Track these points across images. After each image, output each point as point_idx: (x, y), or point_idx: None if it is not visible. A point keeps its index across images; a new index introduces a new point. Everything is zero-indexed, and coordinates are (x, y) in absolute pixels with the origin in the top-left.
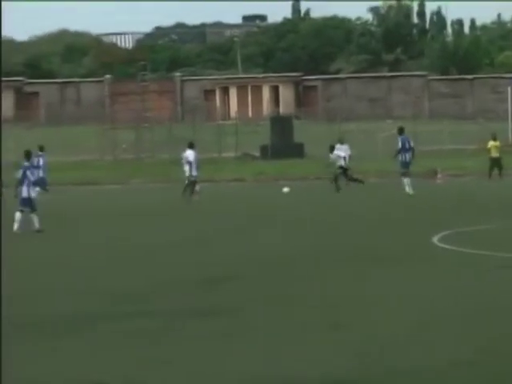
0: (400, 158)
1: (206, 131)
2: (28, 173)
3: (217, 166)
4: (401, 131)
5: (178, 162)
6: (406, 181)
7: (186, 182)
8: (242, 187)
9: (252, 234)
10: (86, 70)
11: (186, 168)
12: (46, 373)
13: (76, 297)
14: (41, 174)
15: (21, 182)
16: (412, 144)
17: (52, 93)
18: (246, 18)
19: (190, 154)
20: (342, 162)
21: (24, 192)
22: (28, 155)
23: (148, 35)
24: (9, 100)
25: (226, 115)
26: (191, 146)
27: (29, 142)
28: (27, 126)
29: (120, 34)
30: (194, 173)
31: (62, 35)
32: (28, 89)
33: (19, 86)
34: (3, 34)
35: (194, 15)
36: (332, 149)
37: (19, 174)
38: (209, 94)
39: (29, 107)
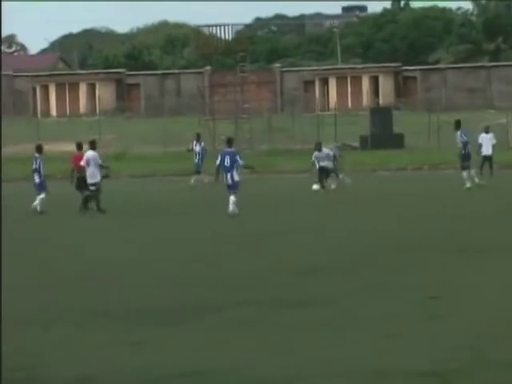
0: (463, 152)
1: (305, 122)
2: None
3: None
4: (458, 125)
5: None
6: (467, 174)
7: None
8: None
9: (348, 224)
10: (185, 62)
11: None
12: (157, 363)
13: (183, 287)
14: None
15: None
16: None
17: (152, 84)
18: (345, 9)
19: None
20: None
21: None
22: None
23: (248, 26)
24: (110, 92)
25: (326, 106)
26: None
27: (129, 133)
28: (128, 118)
29: (220, 25)
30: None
31: (163, 27)
32: (129, 80)
33: (120, 77)
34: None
35: (294, 6)
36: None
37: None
38: (308, 84)
39: (129, 99)
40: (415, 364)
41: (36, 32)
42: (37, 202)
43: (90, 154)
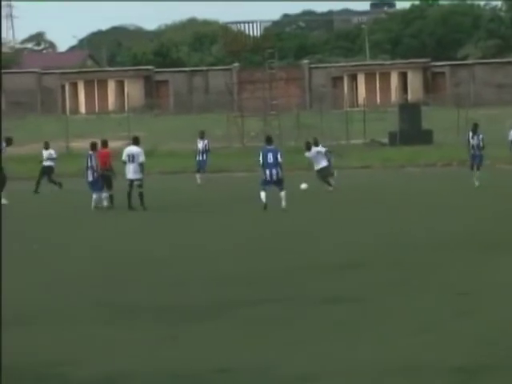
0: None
1: (333, 118)
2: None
3: (345, 153)
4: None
5: (300, 151)
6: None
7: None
8: (369, 174)
9: (376, 222)
10: (214, 59)
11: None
12: (186, 360)
13: (214, 284)
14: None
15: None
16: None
17: (181, 81)
18: (373, 5)
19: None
20: None
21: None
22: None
23: (276, 23)
24: (139, 89)
25: (354, 102)
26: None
27: (158, 130)
28: (156, 114)
29: (248, 22)
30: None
31: (191, 24)
32: (157, 77)
33: (149, 74)
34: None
35: (322, 2)
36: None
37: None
38: (337, 81)
39: (158, 96)
40: (446, 360)
41: (65, 29)
42: (94, 201)
43: (134, 149)
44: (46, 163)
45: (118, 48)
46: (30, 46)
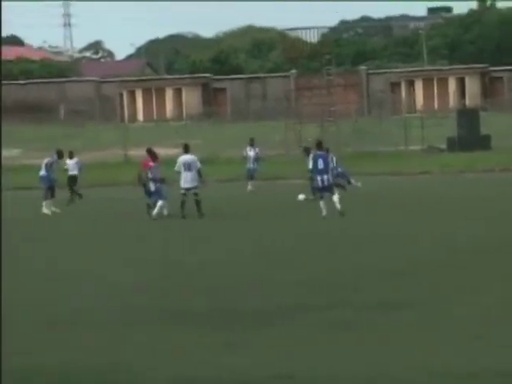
0: None
1: (391, 124)
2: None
3: (403, 159)
4: None
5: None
6: None
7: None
8: (428, 180)
9: (434, 227)
10: (272, 65)
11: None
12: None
13: (275, 288)
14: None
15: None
16: None
17: (238, 88)
18: (431, 10)
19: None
20: None
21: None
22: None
23: (333, 29)
24: (196, 96)
25: (412, 108)
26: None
27: (216, 138)
28: (214, 122)
29: (305, 28)
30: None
31: (248, 31)
32: (215, 85)
33: (206, 82)
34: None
35: (380, 8)
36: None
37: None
38: (394, 86)
39: (216, 103)
40: (503, 364)
41: (122, 38)
42: (156, 210)
43: (189, 157)
44: (71, 173)
45: (176, 56)
46: (88, 54)
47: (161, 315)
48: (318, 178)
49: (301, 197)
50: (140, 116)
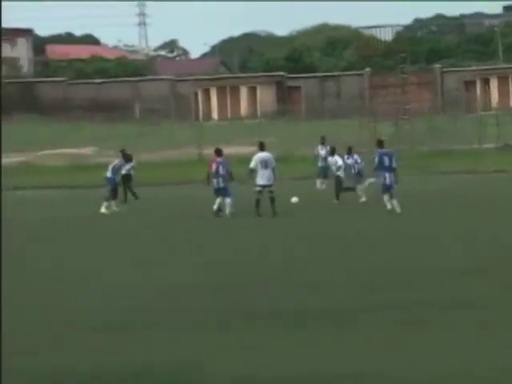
0: None
1: (466, 122)
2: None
3: (478, 158)
4: None
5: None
6: None
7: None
8: (503, 178)
9: (504, 227)
10: (345, 64)
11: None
12: (315, 365)
13: (341, 287)
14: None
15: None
16: None
17: (312, 87)
18: (506, 8)
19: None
20: None
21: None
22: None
23: (407, 27)
24: (271, 94)
25: (487, 106)
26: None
27: (290, 136)
28: (288, 120)
29: (379, 26)
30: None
31: (323, 29)
32: (289, 83)
33: (281, 80)
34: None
35: (454, 6)
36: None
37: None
38: (469, 85)
39: (290, 101)
40: None
41: (197, 37)
42: (228, 208)
43: (265, 155)
44: (126, 172)
45: (250, 54)
46: (163, 53)
47: (228, 316)
48: (386, 175)
49: (294, 200)
50: (215, 114)
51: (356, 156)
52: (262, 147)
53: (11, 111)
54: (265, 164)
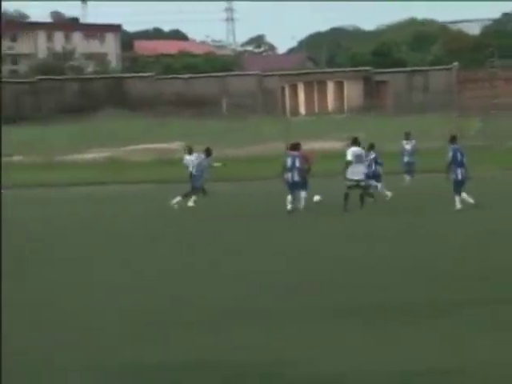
0: None
1: None
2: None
3: None
4: None
5: None
6: None
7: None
8: None
9: None
10: (432, 58)
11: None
12: (406, 360)
13: (435, 283)
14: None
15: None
16: None
17: (400, 81)
18: None
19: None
20: None
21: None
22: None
23: (496, 21)
24: (358, 89)
25: None
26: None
27: (377, 131)
28: (375, 115)
29: (467, 21)
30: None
31: (410, 24)
32: (377, 78)
33: (368, 75)
34: None
35: None
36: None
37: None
38: None
39: (377, 96)
40: None
41: (284, 32)
42: (303, 202)
43: (358, 150)
44: (192, 169)
45: (337, 49)
46: (250, 48)
47: (324, 310)
48: (459, 171)
49: (316, 198)
50: (302, 109)
51: (374, 154)
52: (355, 142)
53: (99, 107)
54: (359, 158)
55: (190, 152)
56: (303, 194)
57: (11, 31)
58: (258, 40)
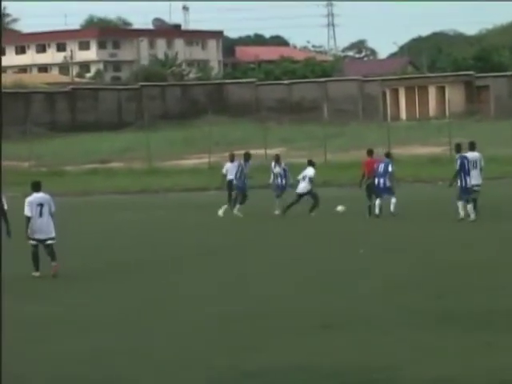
0: None
1: None
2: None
3: None
4: None
5: None
6: None
7: None
8: None
9: None
10: None
11: None
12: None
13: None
14: None
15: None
16: None
17: (501, 86)
18: None
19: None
20: None
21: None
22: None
23: None
24: (459, 94)
25: None
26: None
27: (479, 136)
28: (477, 120)
29: None
30: None
31: None
32: (478, 82)
33: (469, 80)
34: None
35: None
36: None
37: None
38: None
39: (479, 101)
40: None
41: (386, 37)
42: (392, 207)
43: (475, 155)
44: (231, 177)
45: (438, 54)
46: (351, 53)
47: (423, 316)
48: (467, 179)
49: (340, 208)
50: (403, 114)
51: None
52: (472, 147)
53: (201, 113)
54: (474, 164)
55: (232, 160)
56: (393, 199)
57: (114, 38)
58: (359, 45)
